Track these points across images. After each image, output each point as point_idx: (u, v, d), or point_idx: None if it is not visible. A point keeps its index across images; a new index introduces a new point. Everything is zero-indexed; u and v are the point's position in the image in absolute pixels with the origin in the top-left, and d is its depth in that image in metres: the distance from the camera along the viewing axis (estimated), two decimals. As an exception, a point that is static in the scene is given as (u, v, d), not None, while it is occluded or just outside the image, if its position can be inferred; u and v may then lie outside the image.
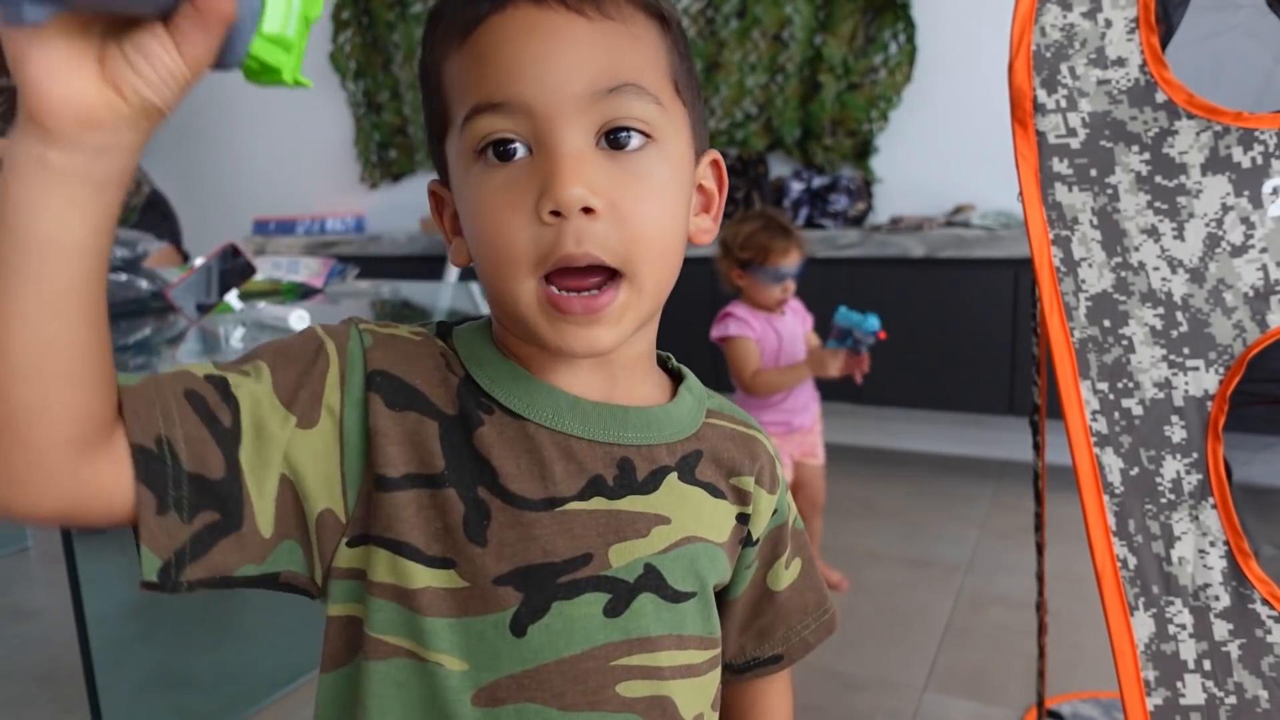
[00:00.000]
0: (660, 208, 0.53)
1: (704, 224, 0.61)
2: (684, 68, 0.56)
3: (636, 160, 0.52)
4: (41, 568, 2.58)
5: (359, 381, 0.52)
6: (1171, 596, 1.06)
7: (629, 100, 0.51)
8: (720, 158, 0.62)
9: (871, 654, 1.92)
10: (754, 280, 2.08)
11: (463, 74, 0.53)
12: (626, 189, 0.51)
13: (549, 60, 0.50)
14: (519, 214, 0.50)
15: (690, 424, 0.61)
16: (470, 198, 0.53)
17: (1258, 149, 1.04)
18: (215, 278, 1.82)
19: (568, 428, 0.55)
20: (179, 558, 0.47)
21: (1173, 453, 1.07)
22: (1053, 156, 1.09)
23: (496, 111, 0.51)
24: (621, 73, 0.51)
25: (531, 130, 0.51)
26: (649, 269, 0.52)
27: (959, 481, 3.00)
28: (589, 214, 0.50)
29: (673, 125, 0.54)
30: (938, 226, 3.00)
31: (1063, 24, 1.08)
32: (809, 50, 3.34)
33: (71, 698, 1.82)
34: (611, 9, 0.52)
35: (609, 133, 0.52)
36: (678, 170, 0.55)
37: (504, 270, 0.52)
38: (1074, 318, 1.09)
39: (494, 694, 0.53)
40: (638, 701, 0.56)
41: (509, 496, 0.53)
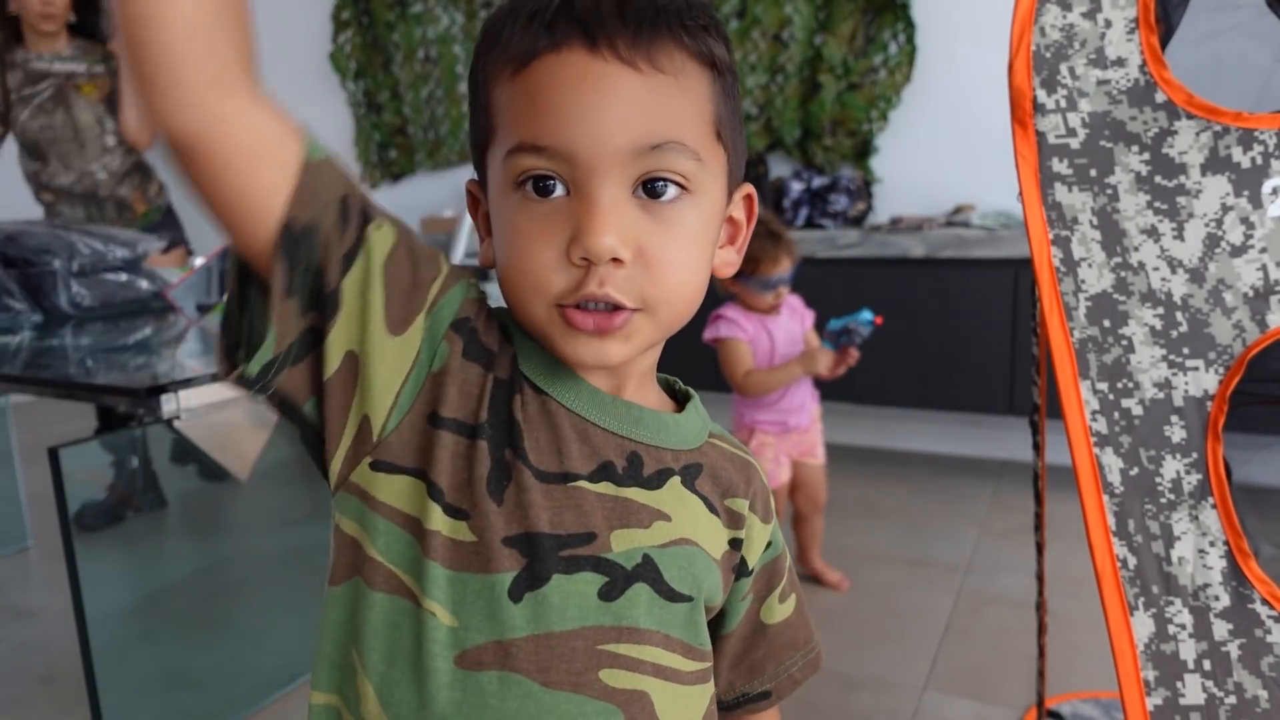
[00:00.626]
0: (686, 255, 0.55)
1: (728, 257, 0.62)
2: (729, 110, 0.57)
3: (670, 210, 0.54)
4: (41, 568, 2.59)
5: (448, 317, 0.55)
6: (1171, 596, 1.06)
7: (670, 157, 0.53)
8: (754, 192, 0.63)
9: (871, 654, 1.92)
10: (745, 288, 2.08)
11: (511, 106, 0.54)
12: (655, 237, 0.53)
13: (596, 115, 0.51)
14: (549, 250, 0.53)
15: (696, 438, 0.63)
16: (506, 222, 0.55)
17: (1257, 149, 1.04)
18: (215, 278, 1.82)
19: (586, 413, 0.58)
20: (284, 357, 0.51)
21: (1172, 453, 1.07)
22: (1052, 156, 1.09)
23: (539, 154, 0.52)
24: (665, 130, 0.53)
25: (571, 175, 0.53)
26: (668, 309, 0.55)
27: (959, 481, 3.00)
28: (616, 263, 0.52)
29: (710, 176, 0.56)
30: (938, 226, 3.00)
31: (1062, 24, 1.08)
32: (809, 50, 3.34)
33: (71, 697, 1.82)
34: (664, 61, 0.53)
35: (646, 182, 0.53)
36: (709, 218, 0.57)
37: (526, 296, 0.54)
38: (1074, 318, 1.09)
39: (478, 658, 0.54)
40: (618, 692, 0.56)
41: (530, 465, 0.55)
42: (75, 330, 1.77)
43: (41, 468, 1.50)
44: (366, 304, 0.51)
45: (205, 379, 1.29)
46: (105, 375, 1.37)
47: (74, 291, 1.88)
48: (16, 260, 1.87)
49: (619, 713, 0.56)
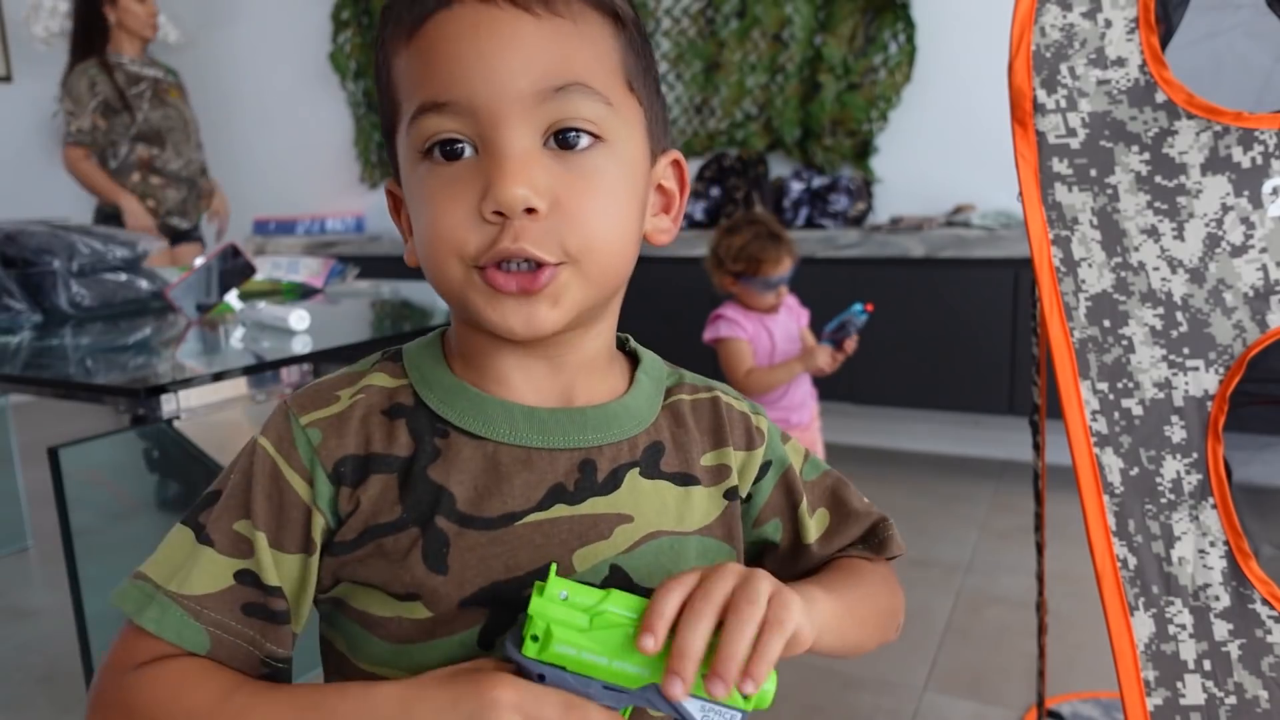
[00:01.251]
0: (608, 205, 0.52)
1: (662, 224, 0.60)
2: (640, 66, 0.55)
3: (584, 159, 0.52)
4: (41, 568, 2.59)
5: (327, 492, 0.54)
6: (1171, 596, 1.06)
7: (576, 100, 0.51)
8: (681, 158, 0.61)
9: (871, 654, 1.91)
10: (747, 289, 2.10)
11: (410, 71, 0.52)
12: (572, 188, 0.51)
13: (494, 59, 0.50)
14: (460, 208, 0.51)
15: (649, 412, 0.60)
16: (416, 194, 0.53)
17: (1257, 149, 1.04)
18: (215, 278, 1.82)
19: (525, 440, 0.55)
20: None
21: (1173, 453, 1.07)
22: (1052, 156, 1.09)
23: (442, 111, 0.51)
24: (568, 72, 0.51)
25: (477, 130, 0.51)
26: (594, 261, 0.52)
27: (959, 481, 3.00)
28: (531, 214, 0.50)
29: (624, 125, 0.54)
30: (938, 226, 2.99)
31: (1062, 24, 1.08)
32: (809, 50, 3.33)
33: (71, 698, 1.82)
34: (560, 6, 0.51)
35: (557, 133, 0.51)
36: (629, 169, 0.54)
37: (441, 261, 0.52)
38: (1074, 318, 1.09)
39: None
40: None
41: (467, 520, 0.54)
42: (75, 330, 1.77)
43: (41, 468, 1.50)
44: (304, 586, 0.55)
45: (205, 379, 1.29)
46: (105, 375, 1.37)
47: (74, 291, 1.88)
48: (16, 260, 1.87)
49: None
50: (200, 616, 0.52)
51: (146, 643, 0.53)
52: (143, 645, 0.53)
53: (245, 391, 1.41)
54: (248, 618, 0.53)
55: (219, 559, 0.53)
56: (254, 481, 0.54)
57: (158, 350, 1.64)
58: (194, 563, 0.53)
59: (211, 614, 0.52)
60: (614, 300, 0.59)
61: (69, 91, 2.95)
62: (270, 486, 0.54)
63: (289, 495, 0.54)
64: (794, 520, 0.66)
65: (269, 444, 0.55)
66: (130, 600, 0.53)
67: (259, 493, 0.54)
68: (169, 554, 0.54)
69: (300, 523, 0.54)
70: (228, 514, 0.54)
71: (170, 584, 0.53)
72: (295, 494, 0.54)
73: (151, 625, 0.52)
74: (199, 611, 0.52)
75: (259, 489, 0.54)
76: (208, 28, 4.47)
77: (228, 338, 1.69)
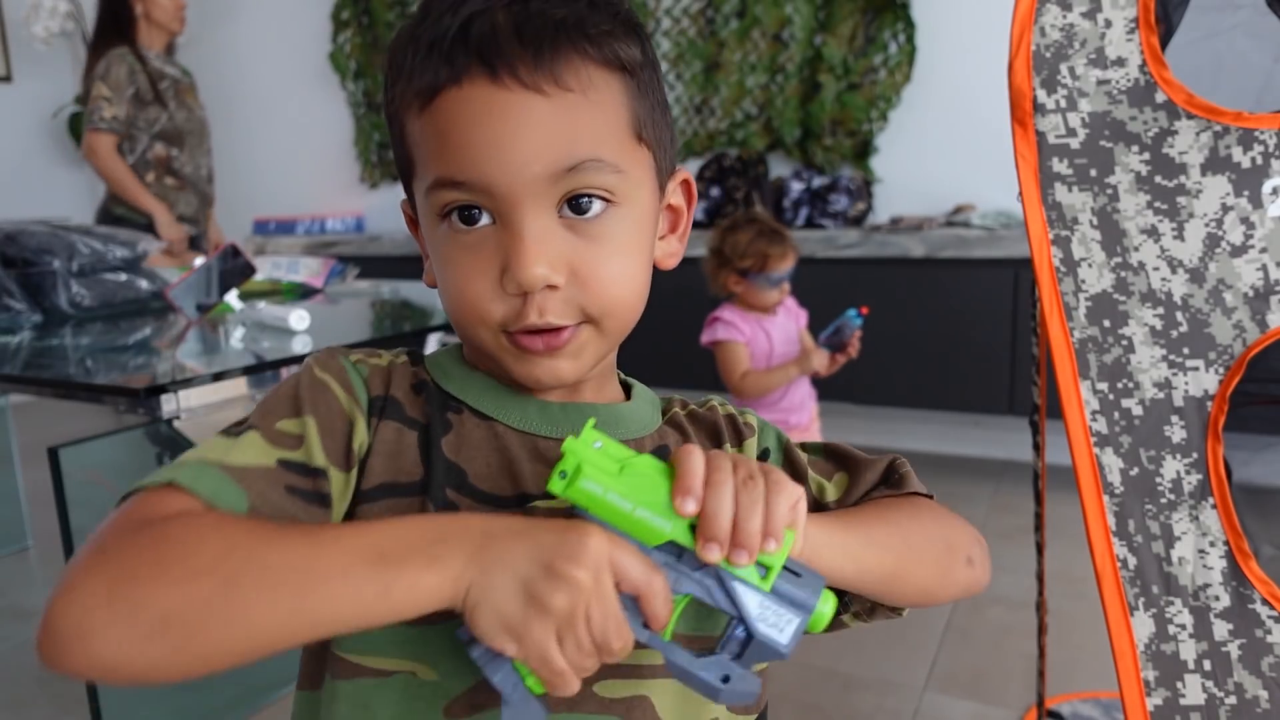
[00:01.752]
0: (621, 267, 0.54)
1: (670, 247, 0.61)
2: (647, 107, 0.55)
3: (597, 225, 0.53)
4: (41, 568, 2.59)
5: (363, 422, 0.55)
6: (1171, 597, 1.06)
7: (589, 174, 0.52)
8: (690, 178, 0.62)
9: (871, 654, 1.92)
10: (752, 286, 2.10)
11: (424, 141, 0.54)
12: (587, 255, 0.53)
13: (507, 145, 0.50)
14: (484, 281, 0.53)
15: (651, 421, 0.62)
16: (439, 252, 0.55)
17: (1257, 149, 1.04)
18: (215, 278, 1.82)
19: (536, 429, 0.57)
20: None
21: (1172, 453, 1.07)
22: (1052, 156, 1.09)
23: (458, 189, 0.52)
24: (580, 150, 0.51)
25: (494, 205, 0.52)
26: (612, 319, 0.55)
27: (959, 481, 3.00)
28: (550, 288, 0.52)
29: (634, 183, 0.55)
30: (938, 226, 2.99)
31: (1062, 24, 1.08)
32: (809, 50, 3.33)
33: (71, 698, 1.82)
34: (570, 79, 0.51)
35: (570, 199, 0.52)
36: (640, 223, 0.56)
37: (471, 325, 0.55)
38: (1074, 318, 1.09)
39: (470, 701, 0.52)
40: (616, 703, 0.55)
41: (480, 495, 0.54)
42: (75, 330, 1.77)
43: (41, 468, 1.50)
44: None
45: (205, 379, 1.29)
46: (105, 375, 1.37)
47: (74, 291, 1.88)
48: (16, 260, 1.87)
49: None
50: (242, 480, 0.49)
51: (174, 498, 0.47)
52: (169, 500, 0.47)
53: (245, 391, 1.41)
54: (291, 496, 0.50)
55: (262, 443, 0.51)
56: (301, 389, 0.54)
57: (158, 350, 1.64)
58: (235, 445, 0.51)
59: (256, 484, 0.49)
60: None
61: (106, 76, 2.78)
62: (318, 396, 0.54)
63: (336, 407, 0.54)
64: (807, 490, 0.65)
65: (318, 367, 0.56)
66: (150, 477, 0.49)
67: (308, 396, 0.54)
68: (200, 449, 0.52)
69: (344, 435, 0.53)
70: (272, 415, 0.53)
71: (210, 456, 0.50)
72: (343, 409, 0.54)
73: (186, 480, 0.48)
74: (241, 475, 0.49)
75: (307, 393, 0.54)
76: (207, 27, 4.46)
77: (228, 338, 1.69)
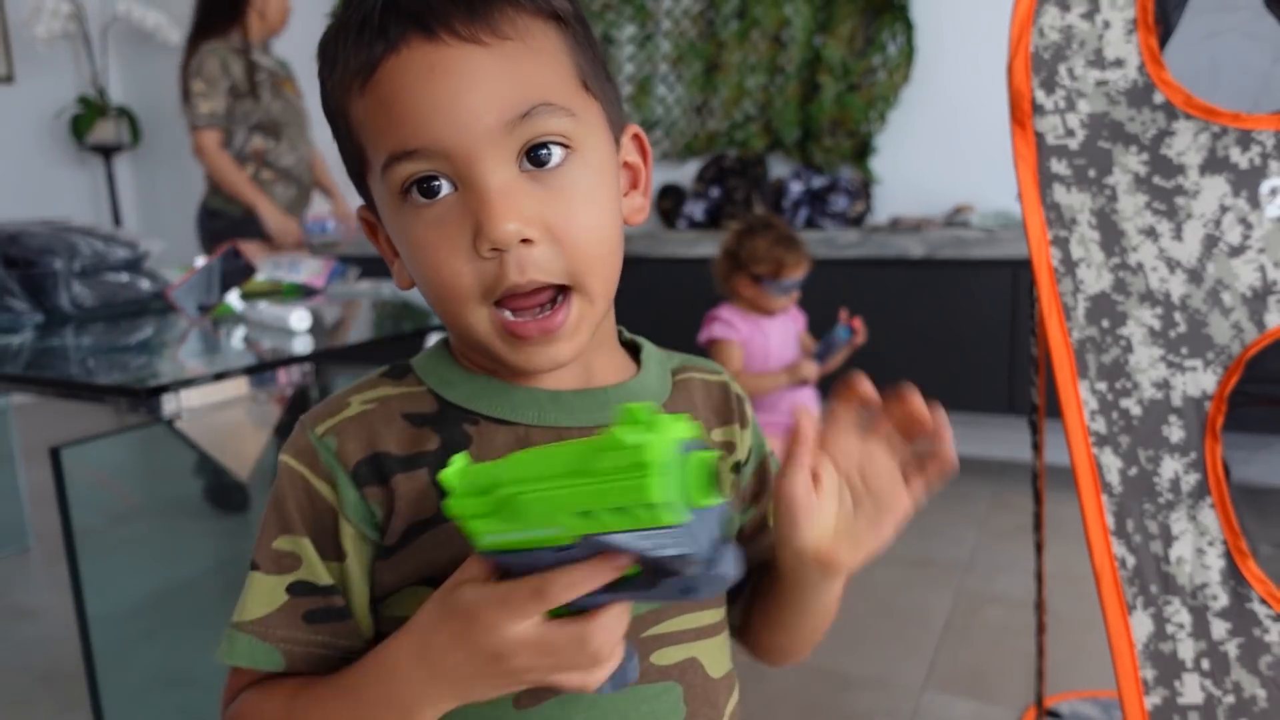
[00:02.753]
0: (592, 216, 0.53)
1: (635, 202, 0.60)
2: (588, 59, 0.55)
3: (560, 175, 0.52)
4: (43, 568, 2.59)
5: (352, 496, 0.54)
6: (1170, 596, 1.06)
7: (543, 119, 0.51)
8: (640, 131, 0.61)
9: (871, 653, 1.92)
10: (763, 291, 2.11)
11: (371, 120, 0.52)
12: (556, 208, 0.51)
13: (455, 101, 0.50)
14: (457, 251, 0.51)
15: (662, 389, 0.62)
16: (404, 236, 0.53)
17: (1255, 150, 1.04)
18: (216, 278, 1.82)
19: (555, 420, 0.56)
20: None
21: (1171, 453, 1.07)
22: (1051, 157, 1.09)
23: (414, 158, 0.51)
24: (529, 95, 0.51)
25: (453, 169, 0.51)
26: (595, 277, 0.53)
27: (959, 481, 2.98)
28: (526, 242, 0.51)
29: (589, 128, 0.54)
30: (937, 227, 3.00)
31: (1061, 25, 1.08)
32: (808, 51, 3.34)
33: (72, 697, 1.82)
34: (506, 27, 0.51)
35: (528, 151, 0.51)
36: (601, 171, 0.55)
37: (453, 306, 0.53)
38: (1072, 318, 1.09)
39: (534, 693, 0.54)
40: (672, 668, 0.57)
41: None
42: (76, 330, 1.77)
43: (43, 468, 1.50)
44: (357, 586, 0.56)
45: (206, 379, 1.29)
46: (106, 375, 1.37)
47: (75, 292, 1.88)
48: (18, 260, 1.87)
49: (677, 686, 0.57)
50: (267, 636, 0.54)
51: (234, 678, 0.56)
52: (231, 682, 0.56)
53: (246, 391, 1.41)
54: (313, 625, 0.54)
55: (267, 580, 0.54)
56: (285, 497, 0.55)
57: (159, 350, 1.64)
58: (247, 591, 0.55)
59: (277, 631, 0.54)
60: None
61: (199, 72, 2.76)
62: (301, 497, 0.54)
63: (319, 503, 0.54)
64: (761, 505, 0.68)
65: (291, 458, 0.55)
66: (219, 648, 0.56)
67: (292, 505, 0.54)
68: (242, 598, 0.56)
69: (330, 529, 0.54)
70: (267, 535, 0.55)
71: (235, 618, 0.55)
72: (324, 500, 0.54)
73: (226, 657, 0.54)
74: (265, 632, 0.54)
75: (291, 502, 0.54)
76: (208, 28, 4.46)
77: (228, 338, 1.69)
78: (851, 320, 2.12)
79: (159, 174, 4.87)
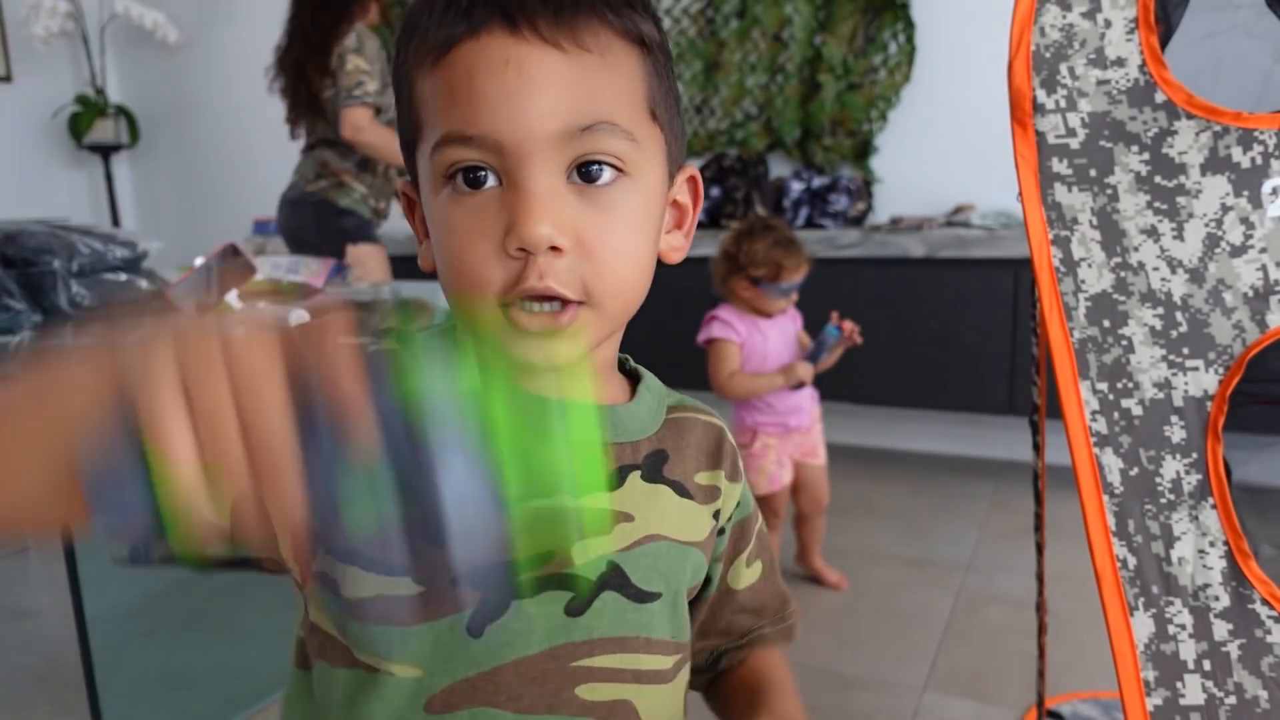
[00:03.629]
0: (627, 242, 0.52)
1: (675, 241, 0.60)
2: (662, 89, 0.55)
3: (606, 194, 0.51)
4: (41, 568, 2.59)
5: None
6: (1171, 597, 1.06)
7: (602, 138, 0.51)
8: (697, 174, 0.60)
9: (871, 654, 1.92)
10: (762, 294, 2.10)
11: (434, 97, 0.52)
12: (594, 224, 0.51)
13: (521, 99, 0.49)
14: (485, 244, 0.51)
15: (652, 423, 0.61)
16: (438, 219, 0.53)
17: (1257, 149, 1.04)
18: (215, 278, 1.82)
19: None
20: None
21: (1172, 453, 1.07)
22: (1052, 156, 1.09)
23: (467, 145, 0.50)
24: (595, 111, 0.50)
25: (501, 164, 0.50)
26: (613, 300, 0.53)
27: (959, 481, 3.00)
28: (555, 251, 0.50)
29: (646, 156, 0.53)
30: (938, 226, 3.00)
31: (1062, 24, 1.08)
32: (809, 50, 3.34)
33: (71, 698, 1.82)
34: (589, 39, 0.50)
35: (580, 165, 0.51)
36: (649, 200, 0.54)
37: (469, 295, 0.52)
38: (1073, 318, 1.09)
39: (448, 700, 0.52)
40: (598, 705, 0.55)
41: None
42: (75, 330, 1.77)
43: (41, 468, 1.50)
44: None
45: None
46: (105, 375, 1.37)
47: (74, 291, 1.88)
48: (16, 260, 1.87)
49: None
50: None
51: None
52: None
53: (245, 391, 1.40)
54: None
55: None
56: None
57: (158, 350, 1.64)
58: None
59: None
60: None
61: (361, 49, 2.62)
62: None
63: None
64: (731, 565, 0.67)
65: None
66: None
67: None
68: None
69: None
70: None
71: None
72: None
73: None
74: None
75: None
76: (208, 27, 4.46)
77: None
78: (840, 321, 2.12)
79: (157, 174, 4.86)
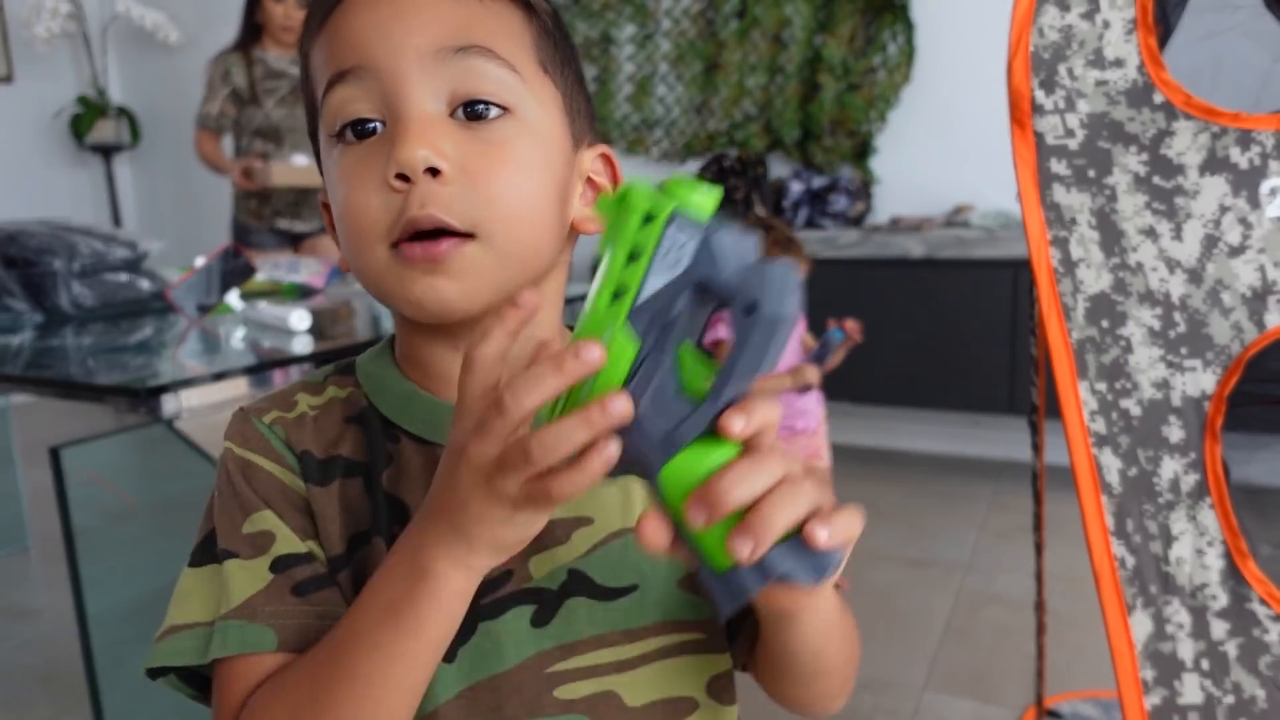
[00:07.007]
0: (518, 175, 0.51)
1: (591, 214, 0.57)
2: (556, 55, 0.55)
3: (494, 129, 0.50)
4: (42, 568, 2.59)
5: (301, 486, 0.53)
6: (1169, 596, 1.06)
7: (480, 64, 0.50)
8: (611, 152, 0.59)
9: (871, 654, 1.92)
10: None
11: (320, 58, 0.52)
12: (480, 154, 0.50)
13: (394, 22, 0.50)
14: (369, 183, 0.49)
15: None
16: (331, 179, 0.52)
17: (1255, 150, 1.04)
18: (215, 278, 1.82)
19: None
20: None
21: (1171, 453, 1.07)
22: (1051, 157, 1.09)
23: (346, 80, 0.50)
24: (469, 35, 0.50)
25: (383, 99, 0.50)
26: (504, 231, 0.50)
27: (959, 481, 3.00)
28: (437, 177, 0.48)
29: (536, 100, 0.52)
30: (937, 227, 3.00)
31: (1061, 25, 1.08)
32: (809, 51, 3.34)
33: (72, 697, 1.82)
34: None
35: (466, 105, 0.50)
36: (542, 142, 0.52)
37: (357, 243, 0.51)
38: (1072, 318, 1.09)
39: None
40: (578, 701, 0.54)
41: None
42: (76, 330, 1.77)
43: (42, 468, 1.50)
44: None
45: (206, 379, 1.29)
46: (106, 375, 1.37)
47: (75, 292, 1.88)
48: (18, 260, 1.87)
49: (584, 718, 0.54)
50: (256, 615, 0.50)
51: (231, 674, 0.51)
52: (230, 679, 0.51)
53: (246, 391, 1.41)
54: (303, 596, 0.51)
55: (248, 563, 0.52)
56: (238, 482, 0.53)
57: (158, 350, 1.64)
58: (228, 579, 0.52)
59: (265, 608, 0.51)
60: (547, 286, 0.56)
61: (206, 77, 3.12)
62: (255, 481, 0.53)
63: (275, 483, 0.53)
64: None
65: (234, 445, 0.54)
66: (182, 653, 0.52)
67: (249, 488, 0.53)
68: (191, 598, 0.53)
69: (299, 504, 0.53)
70: (231, 524, 0.53)
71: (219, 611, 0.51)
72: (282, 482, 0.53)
73: (219, 650, 0.50)
74: (254, 612, 0.50)
75: (243, 486, 0.53)
76: (208, 28, 4.46)
77: (228, 338, 1.69)
78: (843, 323, 2.13)
79: (159, 174, 4.87)
